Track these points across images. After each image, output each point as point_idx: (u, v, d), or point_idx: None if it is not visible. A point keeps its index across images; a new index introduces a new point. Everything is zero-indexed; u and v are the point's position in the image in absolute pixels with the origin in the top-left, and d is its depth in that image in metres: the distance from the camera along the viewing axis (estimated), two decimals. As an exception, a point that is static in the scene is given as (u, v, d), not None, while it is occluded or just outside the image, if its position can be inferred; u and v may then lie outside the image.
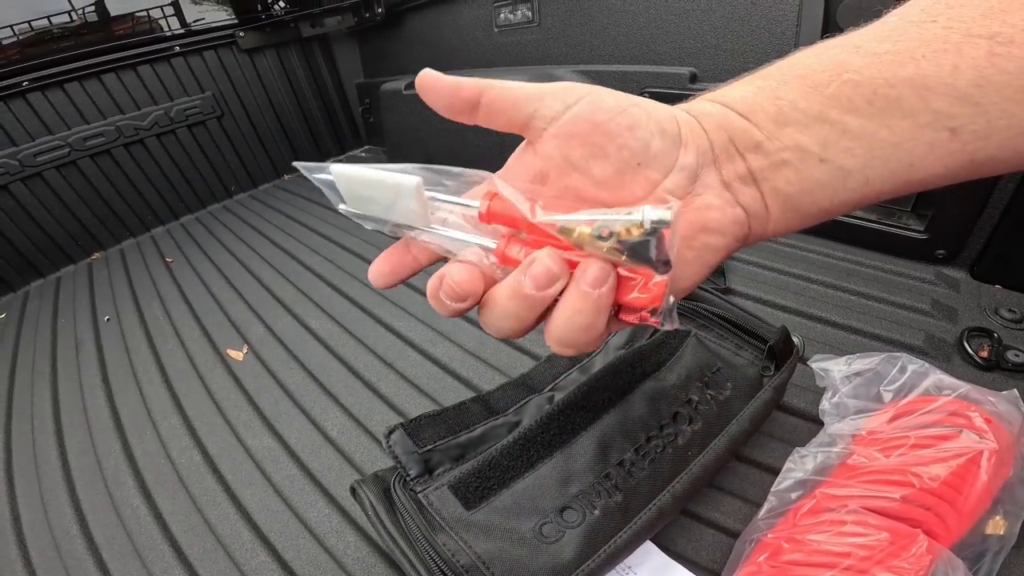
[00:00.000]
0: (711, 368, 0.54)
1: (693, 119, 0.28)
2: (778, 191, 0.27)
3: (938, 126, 0.23)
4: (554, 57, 1.27)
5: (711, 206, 0.28)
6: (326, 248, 1.25)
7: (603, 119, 0.27)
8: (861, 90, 0.24)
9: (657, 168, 0.28)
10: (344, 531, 0.59)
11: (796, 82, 0.26)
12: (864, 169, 0.25)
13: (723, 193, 0.28)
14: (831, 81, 0.25)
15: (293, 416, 0.76)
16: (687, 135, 0.28)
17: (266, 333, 0.97)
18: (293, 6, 1.76)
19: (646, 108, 0.28)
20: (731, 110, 0.28)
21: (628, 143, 0.27)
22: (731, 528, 0.51)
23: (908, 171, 0.25)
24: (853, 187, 0.26)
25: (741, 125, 0.27)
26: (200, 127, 1.64)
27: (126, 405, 0.87)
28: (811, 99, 0.25)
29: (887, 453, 0.45)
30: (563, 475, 0.46)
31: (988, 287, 0.75)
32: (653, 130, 0.27)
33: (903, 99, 0.23)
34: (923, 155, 0.24)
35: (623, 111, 0.27)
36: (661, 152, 0.27)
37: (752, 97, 0.27)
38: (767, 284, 0.82)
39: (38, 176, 1.39)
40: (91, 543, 0.64)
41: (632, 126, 0.27)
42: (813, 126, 0.25)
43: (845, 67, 0.25)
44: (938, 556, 0.38)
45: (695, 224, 0.28)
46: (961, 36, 0.22)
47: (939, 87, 0.23)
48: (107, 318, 1.15)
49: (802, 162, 0.26)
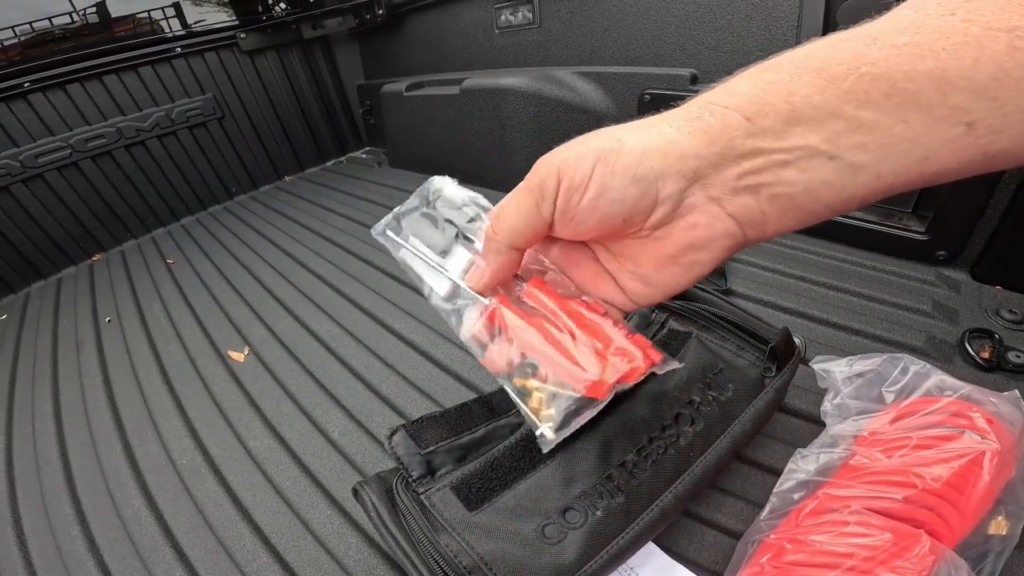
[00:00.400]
0: (713, 369, 0.54)
1: (677, 142, 0.28)
2: (778, 195, 0.27)
3: (955, 120, 0.23)
4: (555, 58, 1.28)
5: (696, 225, 0.29)
6: (327, 250, 1.25)
7: (575, 203, 0.30)
8: (879, 84, 0.24)
9: (639, 214, 0.29)
10: (346, 533, 0.59)
11: (811, 75, 0.25)
12: (877, 164, 0.25)
13: (710, 209, 0.29)
14: (848, 74, 0.24)
15: (294, 418, 0.76)
16: (663, 168, 0.28)
17: (267, 335, 0.97)
18: (294, 7, 1.77)
19: (610, 162, 0.29)
20: (735, 112, 0.27)
21: (606, 210, 0.29)
22: (733, 529, 0.51)
23: (922, 165, 0.25)
24: (863, 183, 0.26)
25: (741, 132, 0.27)
26: (201, 128, 1.64)
27: (127, 406, 0.87)
28: (827, 93, 0.25)
29: (889, 454, 0.45)
30: (565, 476, 0.46)
31: (989, 288, 0.75)
32: (623, 183, 0.28)
33: (921, 93, 0.23)
34: (937, 149, 0.24)
35: (589, 180, 0.29)
36: (638, 197, 0.29)
37: (762, 95, 0.27)
38: (768, 285, 0.82)
39: (39, 177, 1.39)
40: (92, 544, 0.64)
41: (600, 193, 0.29)
42: (826, 122, 0.25)
43: (863, 59, 0.24)
44: (941, 556, 0.38)
45: (681, 244, 0.30)
46: (981, 30, 0.22)
47: (959, 81, 0.22)
48: (108, 319, 1.15)
49: (809, 161, 0.26)
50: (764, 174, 0.27)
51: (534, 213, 0.31)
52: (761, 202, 0.28)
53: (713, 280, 0.83)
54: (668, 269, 0.31)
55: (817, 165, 0.26)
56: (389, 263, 1.11)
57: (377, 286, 1.04)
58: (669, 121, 0.29)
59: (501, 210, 0.33)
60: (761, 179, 0.27)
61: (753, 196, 0.28)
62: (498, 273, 0.35)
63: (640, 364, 0.32)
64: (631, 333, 0.34)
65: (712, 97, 0.29)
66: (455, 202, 0.39)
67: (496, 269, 0.34)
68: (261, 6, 1.74)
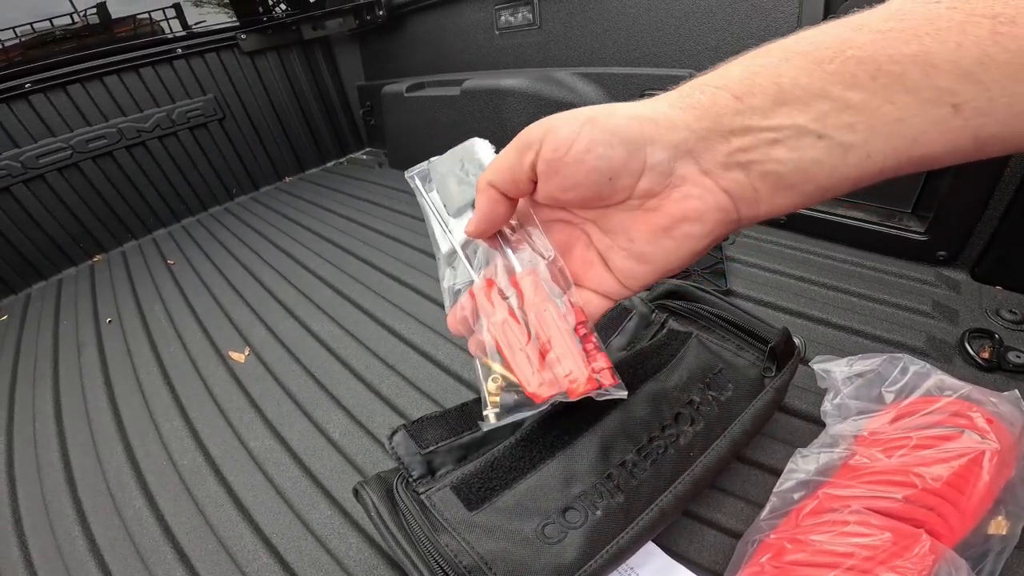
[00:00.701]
0: (713, 369, 0.54)
1: (667, 114, 0.29)
2: (768, 172, 0.28)
3: (941, 102, 0.23)
4: (555, 59, 1.28)
5: (689, 196, 0.30)
6: (327, 250, 1.25)
7: (561, 154, 0.30)
8: (864, 66, 0.24)
9: (627, 175, 0.30)
10: (346, 533, 0.59)
11: (799, 59, 0.26)
12: (865, 144, 0.26)
13: (703, 181, 0.29)
14: (834, 57, 0.25)
15: (295, 418, 0.76)
16: (653, 133, 0.29)
17: (268, 335, 0.97)
18: (294, 8, 1.77)
19: (600, 122, 0.29)
20: (725, 91, 0.28)
21: (592, 165, 0.29)
22: (733, 529, 0.51)
23: (911, 146, 0.25)
24: (853, 163, 0.26)
25: (730, 109, 0.28)
26: (202, 129, 1.65)
27: (128, 407, 0.87)
28: (813, 75, 0.26)
29: (889, 454, 0.45)
30: (565, 476, 0.46)
31: (989, 288, 0.75)
32: (611, 141, 0.29)
33: (907, 75, 0.24)
34: (926, 130, 0.24)
35: (576, 135, 0.29)
36: (626, 158, 0.29)
37: (752, 77, 0.27)
38: (768, 286, 0.82)
39: (40, 178, 1.40)
40: (93, 544, 0.64)
41: (588, 147, 0.29)
42: (813, 103, 0.26)
43: (849, 44, 0.25)
44: (941, 556, 0.38)
45: (674, 215, 0.30)
46: (964, 16, 0.23)
47: (943, 64, 0.23)
48: (109, 320, 1.15)
49: (797, 139, 0.27)
50: (753, 152, 0.28)
51: (515, 160, 0.32)
52: (753, 179, 0.28)
53: (713, 280, 0.83)
54: (661, 242, 0.31)
55: (807, 144, 0.26)
56: (388, 264, 1.11)
57: (377, 287, 1.04)
58: (662, 99, 0.30)
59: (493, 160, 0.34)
60: (751, 156, 0.28)
61: (744, 172, 0.28)
62: (484, 217, 0.35)
63: (580, 388, 0.33)
64: (597, 349, 0.35)
65: (704, 79, 0.30)
66: (481, 162, 0.39)
67: (482, 211, 0.34)
68: (261, 7, 1.75)
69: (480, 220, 0.35)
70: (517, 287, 0.36)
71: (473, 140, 0.40)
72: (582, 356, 0.34)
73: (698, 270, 0.85)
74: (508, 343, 0.35)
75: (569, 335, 0.35)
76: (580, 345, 0.35)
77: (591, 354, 0.35)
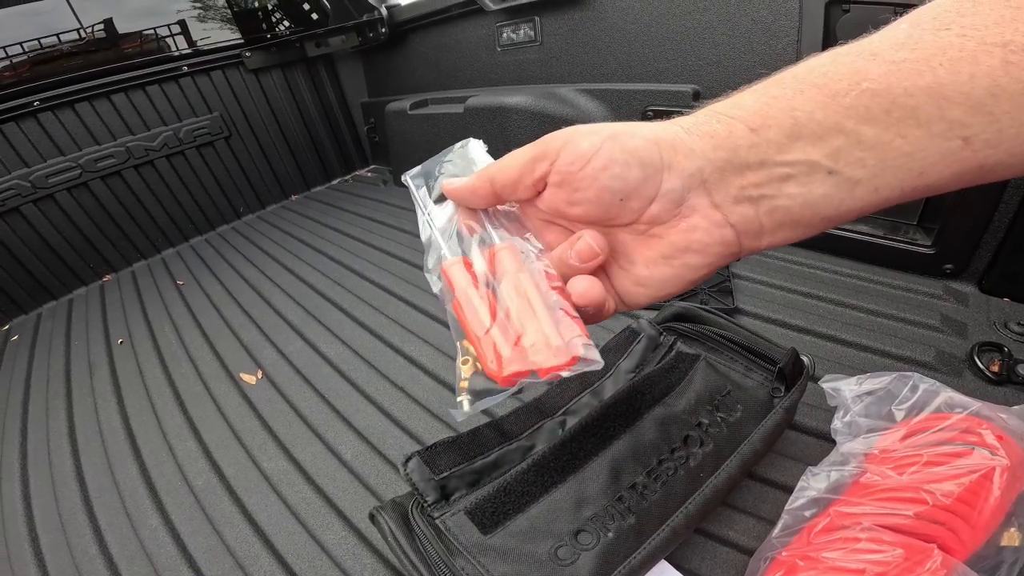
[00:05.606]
0: (721, 391, 0.54)
1: (685, 140, 0.29)
2: (777, 208, 0.28)
3: (951, 135, 0.23)
4: (557, 76, 1.29)
5: (696, 228, 0.29)
6: (334, 271, 1.26)
7: (577, 168, 0.29)
8: (879, 99, 0.24)
9: (638, 199, 0.29)
10: (360, 553, 0.59)
11: (813, 91, 0.26)
12: (874, 179, 0.25)
13: (712, 215, 0.29)
14: (849, 90, 0.25)
15: (307, 440, 0.77)
16: (671, 159, 0.28)
17: (278, 357, 0.98)
18: (298, 26, 1.78)
19: (621, 141, 0.29)
20: (740, 123, 0.28)
21: (605, 183, 0.29)
22: (745, 546, 0.51)
23: (918, 179, 0.25)
24: (860, 196, 0.26)
25: (746, 142, 0.27)
26: (209, 148, 1.66)
27: (141, 427, 0.88)
28: (828, 109, 0.25)
29: (900, 471, 0.45)
30: (577, 499, 0.46)
31: (997, 300, 0.75)
32: (629, 162, 0.28)
33: (920, 108, 0.23)
34: (934, 164, 0.24)
35: (597, 151, 0.29)
36: (640, 182, 0.29)
37: (766, 108, 0.27)
38: (775, 303, 0.82)
39: (50, 198, 1.41)
40: (111, 563, 0.65)
41: (606, 166, 0.29)
42: (828, 137, 0.26)
43: (863, 75, 0.25)
44: (953, 570, 0.38)
45: (677, 245, 0.30)
46: (976, 44, 0.22)
47: (955, 96, 0.23)
48: (120, 340, 1.16)
49: (809, 175, 0.26)
50: (767, 187, 0.27)
51: (528, 165, 0.31)
52: (760, 214, 0.28)
53: (720, 299, 0.83)
54: (659, 268, 0.31)
55: (817, 180, 0.26)
56: (396, 285, 1.12)
57: (385, 308, 1.05)
58: (678, 123, 0.30)
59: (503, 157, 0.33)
60: (763, 191, 0.28)
61: (754, 207, 0.28)
62: (468, 188, 0.34)
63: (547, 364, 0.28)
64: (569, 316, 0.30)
65: (718, 108, 0.29)
66: (473, 160, 0.38)
67: (472, 184, 0.33)
68: (265, 24, 1.76)
69: (462, 188, 0.34)
70: (492, 261, 0.33)
71: (468, 140, 0.40)
72: (555, 327, 0.29)
73: (705, 288, 0.86)
74: (470, 318, 0.31)
75: (543, 307, 0.30)
76: (558, 313, 0.30)
77: (563, 323, 0.30)
